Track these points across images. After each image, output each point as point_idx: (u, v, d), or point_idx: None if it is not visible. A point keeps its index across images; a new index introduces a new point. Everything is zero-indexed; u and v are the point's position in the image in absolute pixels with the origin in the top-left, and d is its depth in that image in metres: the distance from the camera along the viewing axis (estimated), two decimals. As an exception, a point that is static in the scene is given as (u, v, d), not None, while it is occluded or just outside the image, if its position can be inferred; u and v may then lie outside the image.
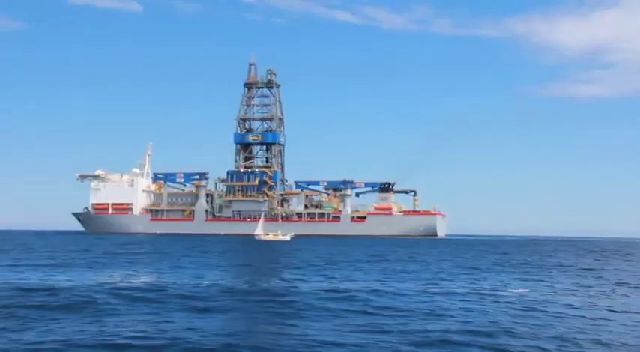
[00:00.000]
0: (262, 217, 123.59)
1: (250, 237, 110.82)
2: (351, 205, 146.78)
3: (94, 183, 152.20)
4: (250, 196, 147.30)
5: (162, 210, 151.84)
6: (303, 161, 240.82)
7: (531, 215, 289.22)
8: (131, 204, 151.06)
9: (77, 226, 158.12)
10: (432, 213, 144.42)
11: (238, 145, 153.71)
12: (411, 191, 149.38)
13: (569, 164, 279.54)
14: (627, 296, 26.42)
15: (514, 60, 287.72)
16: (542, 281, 32.69)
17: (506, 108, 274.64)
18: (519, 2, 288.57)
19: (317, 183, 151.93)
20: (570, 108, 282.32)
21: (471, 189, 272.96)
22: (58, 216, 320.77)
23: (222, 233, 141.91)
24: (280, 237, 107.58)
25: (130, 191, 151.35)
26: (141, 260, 46.10)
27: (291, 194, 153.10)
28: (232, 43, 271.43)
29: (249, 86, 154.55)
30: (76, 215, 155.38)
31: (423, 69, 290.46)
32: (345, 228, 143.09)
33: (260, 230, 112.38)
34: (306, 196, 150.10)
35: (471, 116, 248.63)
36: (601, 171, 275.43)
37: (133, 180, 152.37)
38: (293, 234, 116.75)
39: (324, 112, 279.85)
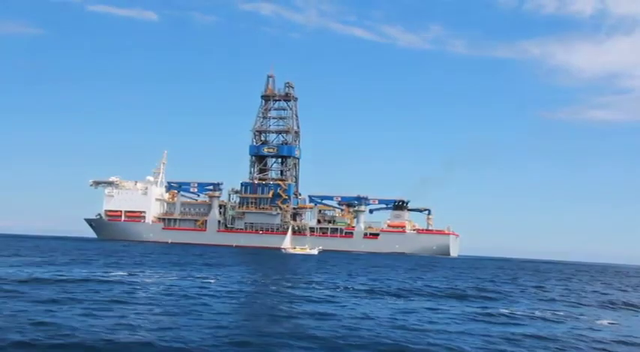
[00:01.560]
0: (290, 230, 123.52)
1: (273, 251, 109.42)
2: (364, 221, 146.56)
3: (107, 190, 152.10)
4: (263, 209, 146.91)
5: (175, 219, 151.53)
6: (317, 175, 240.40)
7: (541, 238, 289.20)
8: (144, 212, 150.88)
9: (88, 232, 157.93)
10: (446, 232, 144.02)
11: (253, 157, 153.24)
12: (425, 209, 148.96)
13: (582, 188, 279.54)
14: None
15: (529, 82, 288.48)
16: None
17: (520, 130, 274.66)
18: (536, 26, 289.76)
19: (331, 198, 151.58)
20: (584, 133, 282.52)
21: (481, 210, 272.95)
22: (69, 222, 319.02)
23: (234, 244, 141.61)
24: (308, 251, 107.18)
25: (144, 199, 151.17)
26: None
27: (305, 208, 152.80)
28: (248, 55, 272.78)
29: (266, 98, 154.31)
30: (89, 221, 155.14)
31: (437, 88, 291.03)
32: (357, 244, 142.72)
33: (288, 243, 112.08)
34: (320, 211, 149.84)
35: (485, 137, 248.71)
36: (617, 196, 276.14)
37: (146, 188, 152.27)
38: (321, 247, 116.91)
39: (338, 128, 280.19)
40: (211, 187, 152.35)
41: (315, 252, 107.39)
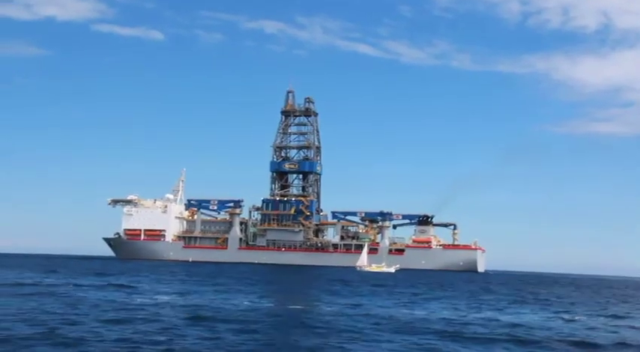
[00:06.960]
0: (366, 247, 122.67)
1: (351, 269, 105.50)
2: (388, 237, 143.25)
3: (126, 209, 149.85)
4: (286, 225, 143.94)
5: (195, 238, 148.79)
6: (339, 191, 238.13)
7: (562, 251, 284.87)
8: (164, 230, 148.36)
9: (107, 251, 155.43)
10: (473, 247, 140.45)
11: (274, 173, 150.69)
12: (451, 224, 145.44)
13: (599, 202, 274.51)
14: None
15: (534, 96, 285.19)
16: None
17: (530, 145, 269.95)
18: (540, 40, 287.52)
19: (354, 214, 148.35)
20: (589, 146, 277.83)
21: (504, 224, 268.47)
22: (88, 241, 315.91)
23: (256, 262, 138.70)
24: (385, 269, 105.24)
25: (163, 217, 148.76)
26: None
27: (327, 224, 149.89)
28: (259, 72, 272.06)
29: (286, 114, 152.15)
30: (107, 240, 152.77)
31: (444, 103, 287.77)
32: (382, 260, 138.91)
33: (364, 261, 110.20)
34: (343, 227, 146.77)
35: (497, 152, 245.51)
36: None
37: (166, 207, 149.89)
38: (398, 265, 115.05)
39: (357, 143, 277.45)
40: (232, 204, 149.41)
41: (392, 270, 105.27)
